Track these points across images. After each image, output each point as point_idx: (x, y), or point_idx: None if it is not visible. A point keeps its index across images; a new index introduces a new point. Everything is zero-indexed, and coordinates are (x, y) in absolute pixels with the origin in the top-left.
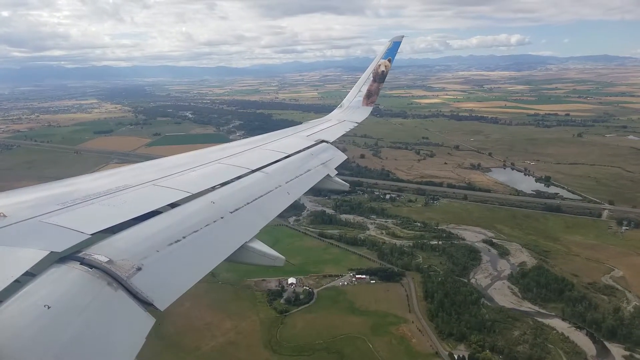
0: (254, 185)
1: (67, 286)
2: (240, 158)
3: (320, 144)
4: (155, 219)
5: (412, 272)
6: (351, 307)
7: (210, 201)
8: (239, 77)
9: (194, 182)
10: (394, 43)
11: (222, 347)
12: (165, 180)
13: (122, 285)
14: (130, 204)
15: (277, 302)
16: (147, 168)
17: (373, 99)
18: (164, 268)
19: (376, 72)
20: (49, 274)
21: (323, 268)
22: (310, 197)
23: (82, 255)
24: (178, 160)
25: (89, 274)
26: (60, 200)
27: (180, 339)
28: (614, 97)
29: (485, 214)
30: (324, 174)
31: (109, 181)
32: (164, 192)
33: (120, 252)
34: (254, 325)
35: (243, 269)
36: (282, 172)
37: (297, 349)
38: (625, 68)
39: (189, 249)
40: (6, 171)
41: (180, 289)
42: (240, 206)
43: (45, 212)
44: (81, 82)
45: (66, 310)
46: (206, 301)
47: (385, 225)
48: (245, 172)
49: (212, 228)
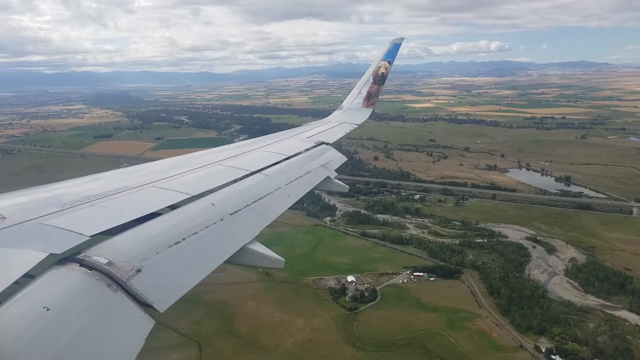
0: (253, 187)
1: (66, 288)
2: (240, 160)
3: (320, 146)
4: (155, 220)
5: (467, 269)
6: (419, 304)
7: (210, 203)
8: (223, 83)
9: (194, 183)
10: (394, 45)
11: (303, 344)
12: (165, 182)
13: (121, 287)
14: (130, 205)
15: (343, 299)
16: (147, 170)
17: (373, 100)
18: (164, 270)
19: (376, 74)
20: (49, 275)
21: (377, 266)
22: (339, 198)
23: (82, 257)
24: (178, 162)
25: (89, 275)
26: (60, 202)
27: (256, 338)
28: (602, 101)
29: (518, 213)
30: (324, 175)
31: (109, 183)
32: (164, 193)
33: (119, 253)
34: (327, 323)
35: (298, 268)
36: (282, 174)
37: (379, 344)
38: (603, 73)
39: (188, 251)
40: (15, 175)
41: (180, 291)
42: (240, 208)
43: (44, 214)
44: (62, 88)
45: (65, 312)
46: (270, 300)
47: (424, 224)
48: (245, 174)
49: (212, 230)
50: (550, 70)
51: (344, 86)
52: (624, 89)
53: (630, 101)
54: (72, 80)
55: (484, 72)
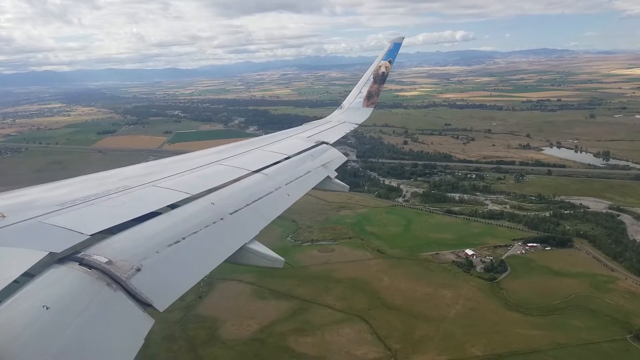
0: (253, 186)
1: (66, 287)
2: (240, 159)
3: (321, 146)
4: (155, 219)
5: (575, 238)
6: (551, 271)
7: (210, 202)
8: (193, 79)
9: (194, 183)
10: (394, 44)
11: (467, 313)
12: (165, 181)
13: (121, 286)
14: (130, 204)
15: (474, 271)
16: (147, 169)
17: (373, 100)
18: (164, 269)
19: (376, 74)
20: (48, 274)
21: (484, 240)
22: (399, 180)
23: (81, 256)
24: (178, 161)
25: (88, 274)
26: (59, 201)
27: (416, 309)
28: (584, 84)
29: (581, 186)
30: (324, 175)
31: (109, 182)
32: (164, 193)
33: (119, 252)
34: (474, 293)
35: (408, 244)
36: (282, 173)
37: (542, 309)
38: (567, 59)
39: (188, 250)
40: (41, 172)
41: (179, 290)
42: (240, 207)
43: (44, 213)
44: (25, 88)
45: (65, 311)
46: (401, 275)
47: (500, 200)
48: (246, 174)
49: (211, 229)
50: (516, 57)
51: (319, 78)
52: (598, 73)
53: (612, 83)
54: (32, 80)
55: (450, 61)
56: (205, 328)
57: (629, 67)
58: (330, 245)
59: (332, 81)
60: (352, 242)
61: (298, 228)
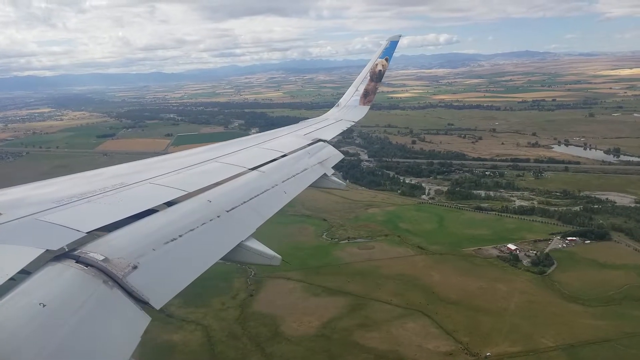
0: (250, 184)
1: (62, 284)
2: (237, 157)
3: (317, 143)
4: (152, 217)
5: (611, 231)
6: (598, 264)
7: (207, 200)
8: (179, 82)
9: (191, 180)
10: (391, 42)
11: (527, 305)
12: (162, 178)
13: (117, 284)
14: (127, 202)
15: (521, 265)
16: (144, 166)
17: (370, 98)
18: (160, 267)
19: (373, 72)
20: (45, 272)
21: (522, 235)
22: (419, 178)
23: (78, 254)
24: (175, 159)
25: (85, 272)
26: (56, 198)
27: (475, 303)
28: (574, 84)
29: (601, 182)
30: (321, 173)
31: (106, 179)
32: (161, 190)
33: (116, 250)
34: (528, 286)
35: (446, 240)
36: (278, 171)
37: (599, 300)
38: (550, 62)
39: (185, 248)
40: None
41: (176, 288)
42: (237, 205)
43: (40, 210)
44: (9, 93)
45: (61, 309)
46: (449, 270)
47: (527, 196)
48: (242, 171)
49: (208, 227)
50: (499, 60)
51: (307, 81)
52: (584, 74)
53: (601, 84)
54: (15, 85)
55: (435, 64)
56: (266, 325)
57: (614, 68)
58: (369, 243)
59: (321, 84)
60: (390, 239)
61: (330, 226)
